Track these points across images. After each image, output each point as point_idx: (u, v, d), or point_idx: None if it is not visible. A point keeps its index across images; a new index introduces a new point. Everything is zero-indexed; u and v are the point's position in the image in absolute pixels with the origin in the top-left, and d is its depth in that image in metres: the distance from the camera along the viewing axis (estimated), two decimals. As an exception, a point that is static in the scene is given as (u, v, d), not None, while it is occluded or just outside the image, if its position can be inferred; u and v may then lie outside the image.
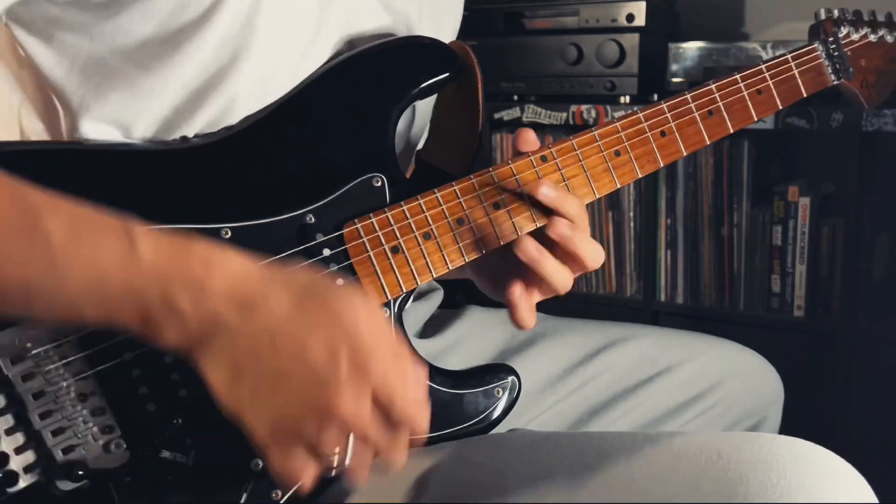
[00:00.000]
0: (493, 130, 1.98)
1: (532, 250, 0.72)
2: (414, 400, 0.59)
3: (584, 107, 1.81)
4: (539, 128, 1.94)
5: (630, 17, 1.76)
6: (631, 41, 1.76)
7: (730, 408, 0.99)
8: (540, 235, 0.73)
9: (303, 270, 0.63)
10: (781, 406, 1.05)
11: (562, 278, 0.73)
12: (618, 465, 0.63)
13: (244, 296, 0.57)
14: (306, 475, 0.59)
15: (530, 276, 0.73)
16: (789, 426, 0.67)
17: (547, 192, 0.73)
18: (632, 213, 1.91)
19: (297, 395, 0.56)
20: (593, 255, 0.73)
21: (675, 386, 0.98)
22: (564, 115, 1.83)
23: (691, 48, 1.77)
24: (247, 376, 0.57)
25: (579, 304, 1.95)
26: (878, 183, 1.72)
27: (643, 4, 1.75)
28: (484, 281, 0.81)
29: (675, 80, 1.79)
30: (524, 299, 0.73)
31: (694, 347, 1.00)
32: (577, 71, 1.82)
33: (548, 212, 0.75)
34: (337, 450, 0.59)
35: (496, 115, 1.91)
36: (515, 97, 1.91)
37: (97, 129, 0.72)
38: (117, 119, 0.72)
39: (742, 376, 1.01)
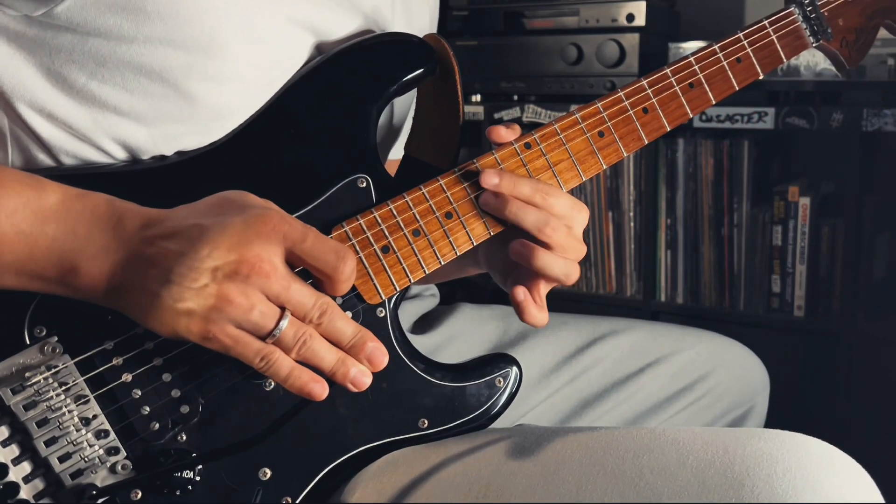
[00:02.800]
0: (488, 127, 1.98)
1: (518, 247, 0.72)
2: (325, 239, 0.62)
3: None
4: (539, 128, 1.94)
5: (630, 17, 1.76)
6: (631, 41, 1.76)
7: (719, 398, 1.00)
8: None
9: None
10: (768, 396, 1.06)
11: (560, 268, 0.73)
12: (626, 459, 0.63)
13: (149, 219, 0.62)
14: (271, 352, 0.61)
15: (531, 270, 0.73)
16: (789, 426, 0.67)
17: (491, 181, 0.72)
18: (632, 213, 1.91)
19: (211, 276, 0.59)
20: (536, 221, 0.72)
21: (665, 377, 0.98)
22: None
23: (691, 48, 1.77)
24: (161, 288, 0.59)
25: (579, 304, 1.95)
26: (878, 183, 1.72)
27: (643, 4, 1.75)
28: (496, 275, 0.81)
29: (675, 80, 1.79)
30: (528, 300, 0.74)
31: (682, 340, 1.01)
32: (577, 71, 1.82)
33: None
34: (278, 320, 0.60)
35: (496, 115, 1.91)
36: (515, 97, 1.92)
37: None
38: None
39: (730, 367, 1.02)
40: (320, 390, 0.63)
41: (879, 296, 1.72)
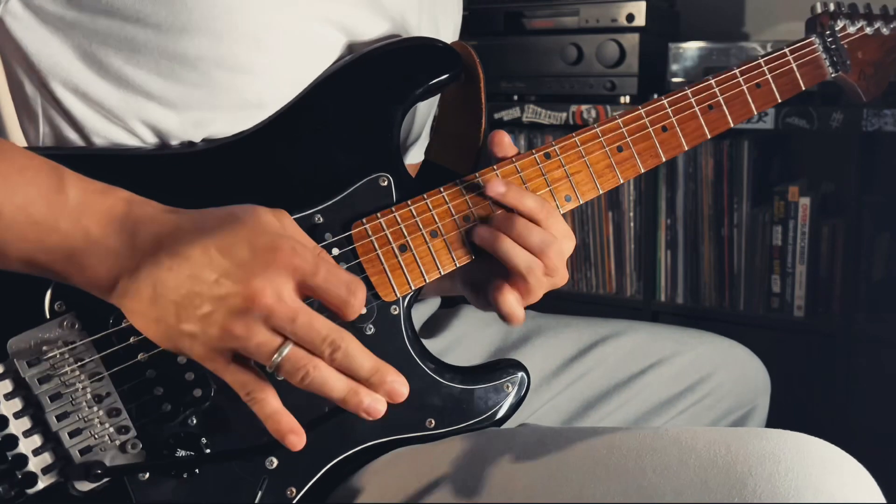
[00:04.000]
0: (493, 130, 1.98)
1: (484, 231, 0.73)
2: (336, 273, 0.61)
3: (584, 107, 1.82)
4: (539, 128, 1.94)
5: (630, 17, 1.76)
6: (631, 41, 1.76)
7: (720, 399, 1.01)
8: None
9: (219, 208, 0.64)
10: (769, 396, 1.07)
11: (522, 259, 0.73)
12: (628, 459, 0.63)
13: (163, 231, 0.61)
14: (260, 389, 0.61)
15: (509, 278, 0.74)
16: (789, 426, 0.67)
17: (497, 189, 0.73)
18: (632, 213, 1.91)
19: (215, 305, 0.58)
20: (541, 241, 0.72)
21: (667, 378, 0.99)
22: (564, 115, 1.84)
23: (691, 48, 1.77)
24: (168, 307, 0.59)
25: (579, 305, 1.95)
26: (878, 183, 1.72)
27: (643, 4, 1.75)
28: (468, 290, 0.81)
29: (675, 80, 1.79)
30: (507, 295, 0.74)
31: (684, 341, 1.02)
32: (577, 71, 1.82)
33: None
34: (279, 348, 0.59)
35: (496, 115, 1.91)
36: (515, 97, 1.92)
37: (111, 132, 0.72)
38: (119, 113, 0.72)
39: (731, 368, 1.02)
40: (295, 441, 0.61)
41: (879, 296, 1.72)
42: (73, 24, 0.69)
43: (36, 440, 0.65)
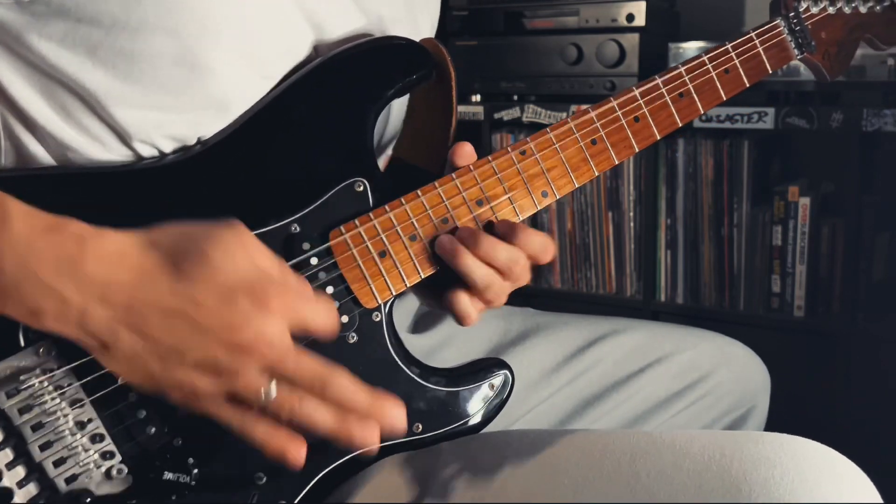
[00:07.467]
0: (493, 130, 1.98)
1: (446, 242, 0.72)
2: (324, 309, 0.61)
3: (583, 107, 1.81)
4: (539, 128, 1.94)
5: (630, 17, 1.76)
6: (631, 41, 1.77)
7: (720, 398, 1.00)
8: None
9: (173, 231, 0.61)
10: (769, 396, 1.06)
11: (480, 277, 0.72)
12: (622, 462, 0.63)
13: (122, 282, 0.58)
14: (252, 426, 0.60)
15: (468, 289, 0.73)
16: (789, 426, 0.67)
17: (505, 230, 0.73)
18: (632, 213, 1.91)
19: (203, 354, 0.57)
20: (537, 245, 0.73)
21: (666, 377, 0.98)
22: (564, 115, 1.84)
23: (691, 48, 1.77)
24: (150, 358, 0.58)
25: (579, 304, 1.95)
26: (878, 183, 1.72)
27: (643, 4, 1.75)
28: (416, 288, 0.81)
29: (675, 80, 1.79)
30: (461, 295, 0.73)
31: (683, 340, 1.01)
32: (577, 71, 1.82)
33: (529, 206, 0.76)
34: (267, 391, 0.59)
35: (496, 115, 1.91)
36: (515, 97, 1.92)
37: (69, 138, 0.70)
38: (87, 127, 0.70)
39: (730, 367, 1.02)
40: (296, 456, 0.61)
41: (879, 296, 1.72)
42: (26, 29, 0.66)
43: (20, 472, 0.63)
